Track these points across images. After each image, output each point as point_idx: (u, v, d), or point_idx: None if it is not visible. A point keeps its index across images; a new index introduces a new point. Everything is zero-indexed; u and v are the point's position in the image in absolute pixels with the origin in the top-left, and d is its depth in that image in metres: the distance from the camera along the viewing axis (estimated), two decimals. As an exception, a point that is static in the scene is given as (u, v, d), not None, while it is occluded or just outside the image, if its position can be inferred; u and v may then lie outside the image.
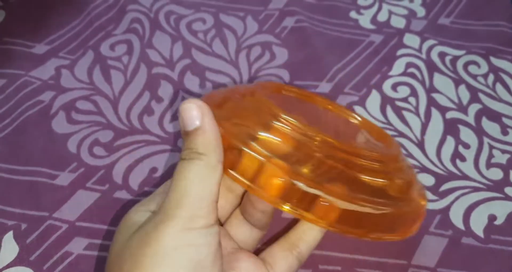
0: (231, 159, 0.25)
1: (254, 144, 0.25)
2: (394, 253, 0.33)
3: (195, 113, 0.25)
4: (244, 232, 0.30)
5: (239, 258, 0.28)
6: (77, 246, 0.33)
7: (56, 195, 0.35)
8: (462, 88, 0.42)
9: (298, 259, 0.29)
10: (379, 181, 0.26)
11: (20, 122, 0.39)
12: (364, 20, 0.47)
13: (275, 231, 0.34)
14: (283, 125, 0.26)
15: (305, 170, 0.25)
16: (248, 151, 0.24)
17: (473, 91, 0.42)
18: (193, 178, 0.24)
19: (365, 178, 0.26)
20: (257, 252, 0.29)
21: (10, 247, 0.32)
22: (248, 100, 0.29)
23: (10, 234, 0.33)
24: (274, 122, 0.26)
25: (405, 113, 0.41)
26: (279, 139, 0.25)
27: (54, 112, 0.39)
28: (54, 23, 0.45)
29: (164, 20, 0.46)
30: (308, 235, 0.29)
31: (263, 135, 0.26)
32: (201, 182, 0.24)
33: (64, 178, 0.36)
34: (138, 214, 0.26)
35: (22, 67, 0.42)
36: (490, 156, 0.38)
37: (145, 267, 0.23)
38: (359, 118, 0.34)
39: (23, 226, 0.33)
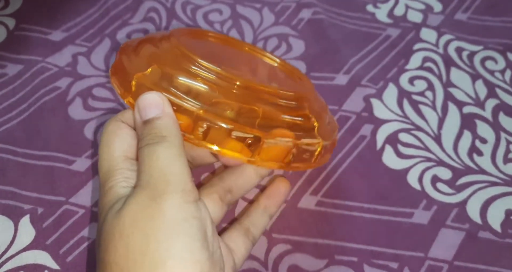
0: None
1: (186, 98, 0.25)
2: (411, 245, 0.33)
3: (154, 102, 0.25)
4: (216, 212, 0.30)
5: None
6: (93, 231, 0.33)
7: (73, 181, 0.35)
8: (479, 83, 0.42)
9: (252, 243, 0.31)
10: (297, 119, 0.27)
11: (36, 108, 0.39)
12: (381, 14, 0.47)
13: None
14: (201, 70, 0.26)
15: (230, 114, 0.26)
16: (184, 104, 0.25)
17: (490, 86, 0.42)
18: (167, 157, 0.24)
19: (283, 117, 0.27)
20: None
21: (27, 231, 0.32)
22: (164, 46, 0.29)
23: (26, 218, 0.33)
24: (192, 67, 0.26)
25: (421, 107, 0.40)
26: (201, 85, 0.26)
27: (71, 98, 0.39)
28: (71, 10, 0.45)
29: (180, 10, 0.46)
30: (260, 220, 0.32)
31: (183, 80, 0.26)
32: (176, 160, 0.24)
33: (81, 164, 0.36)
34: (125, 189, 0.25)
35: (39, 54, 0.42)
36: (508, 151, 0.38)
37: (161, 240, 0.22)
38: (276, 59, 0.35)
39: (40, 210, 0.33)
